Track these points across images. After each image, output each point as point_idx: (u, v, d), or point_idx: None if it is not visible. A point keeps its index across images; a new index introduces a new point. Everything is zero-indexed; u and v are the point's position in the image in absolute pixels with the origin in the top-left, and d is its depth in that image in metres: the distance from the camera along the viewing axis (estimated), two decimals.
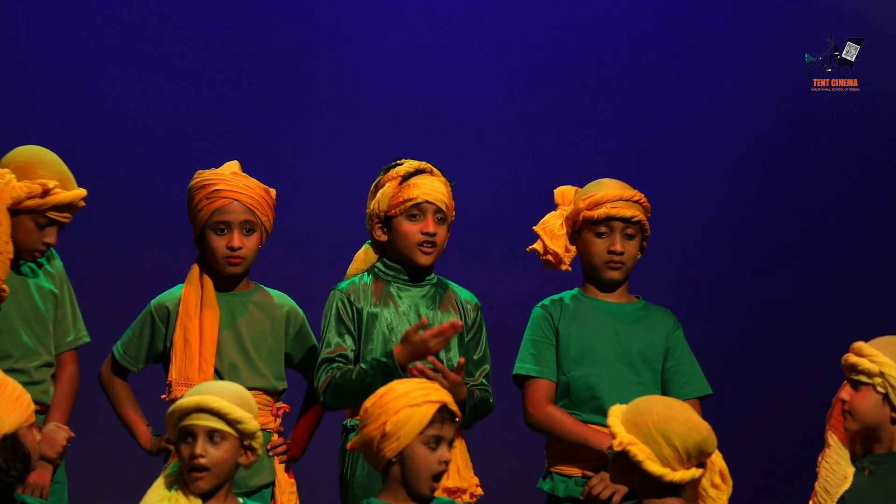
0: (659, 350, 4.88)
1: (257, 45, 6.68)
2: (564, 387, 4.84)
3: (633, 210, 4.86)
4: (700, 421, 4.02)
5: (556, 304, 4.92)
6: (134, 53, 6.57)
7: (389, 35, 6.78)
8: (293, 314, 4.89)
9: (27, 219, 4.55)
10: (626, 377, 4.81)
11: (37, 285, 4.70)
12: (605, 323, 4.87)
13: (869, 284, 6.90)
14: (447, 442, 4.11)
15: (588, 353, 4.83)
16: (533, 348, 4.87)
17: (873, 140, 6.94)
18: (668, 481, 3.98)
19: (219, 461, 4.04)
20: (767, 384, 6.82)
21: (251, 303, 4.84)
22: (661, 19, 6.92)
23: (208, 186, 4.76)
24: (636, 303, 4.97)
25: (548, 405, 4.81)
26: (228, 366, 4.76)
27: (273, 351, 4.83)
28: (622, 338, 4.86)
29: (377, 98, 6.75)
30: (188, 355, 4.73)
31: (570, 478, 4.79)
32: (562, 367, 4.84)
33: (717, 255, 6.90)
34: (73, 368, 4.76)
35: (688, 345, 4.94)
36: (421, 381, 4.21)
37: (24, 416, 3.96)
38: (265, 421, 4.75)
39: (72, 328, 4.77)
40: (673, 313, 4.97)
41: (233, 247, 4.75)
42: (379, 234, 4.81)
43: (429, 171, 4.81)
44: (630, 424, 4.00)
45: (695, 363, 4.92)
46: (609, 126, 6.87)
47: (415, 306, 4.78)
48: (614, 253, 4.85)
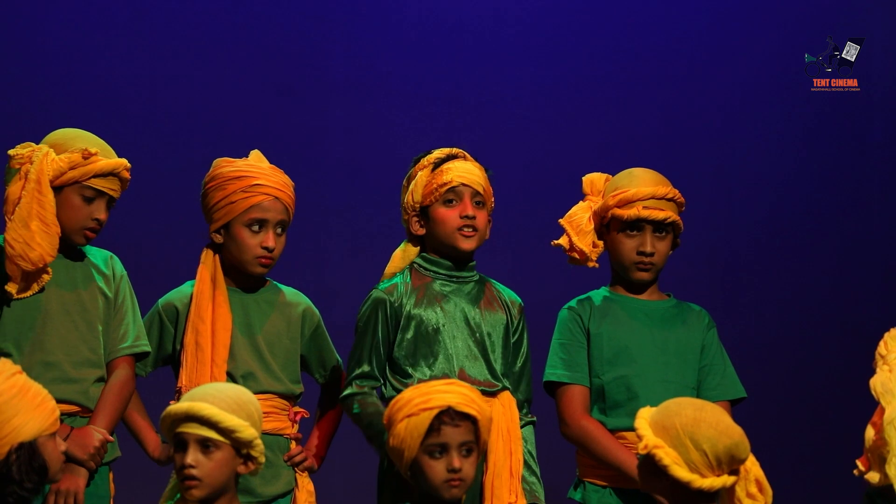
0: (696, 347, 4.68)
1: (270, 27, 6.53)
2: (598, 390, 4.64)
3: (667, 211, 4.66)
4: (732, 425, 3.83)
5: (585, 304, 4.72)
6: (143, 38, 6.43)
7: (409, 14, 6.67)
8: (309, 314, 4.68)
9: (73, 194, 4.43)
10: (664, 377, 4.62)
11: (87, 283, 4.51)
12: (638, 322, 4.68)
13: (867, 285, 6.84)
14: (457, 447, 3.93)
15: (623, 353, 4.63)
16: (563, 353, 4.66)
17: (873, 140, 6.89)
18: (697, 488, 3.78)
19: (211, 471, 3.82)
20: (806, 386, 6.75)
21: (265, 302, 4.64)
22: (660, 20, 6.87)
23: (246, 179, 4.55)
24: (668, 300, 4.78)
25: (585, 417, 4.61)
26: (243, 370, 4.55)
27: (290, 353, 4.63)
28: (657, 336, 4.66)
29: (397, 82, 6.61)
30: (200, 360, 4.52)
31: (605, 488, 4.60)
32: (594, 369, 4.64)
33: (716, 254, 6.83)
34: (125, 374, 4.52)
35: (721, 345, 4.76)
36: (430, 384, 4.03)
37: (46, 424, 3.77)
38: (282, 426, 4.58)
39: (130, 335, 4.55)
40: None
41: (268, 247, 4.54)
42: (417, 228, 4.60)
43: (462, 156, 4.63)
44: (658, 427, 3.81)
45: (728, 364, 4.73)
46: (608, 128, 6.78)
47: (461, 308, 4.58)
48: (643, 254, 4.67)
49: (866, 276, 6.89)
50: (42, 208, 4.36)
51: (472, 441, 3.97)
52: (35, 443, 3.75)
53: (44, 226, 4.36)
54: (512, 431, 4.48)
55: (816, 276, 6.88)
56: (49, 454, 3.78)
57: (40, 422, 3.76)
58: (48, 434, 3.78)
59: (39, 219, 4.35)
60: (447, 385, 4.01)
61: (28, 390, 3.76)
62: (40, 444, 3.76)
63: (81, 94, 6.31)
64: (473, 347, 4.55)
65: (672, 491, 3.83)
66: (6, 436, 3.75)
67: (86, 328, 4.48)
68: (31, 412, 3.75)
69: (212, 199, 4.58)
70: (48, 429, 3.78)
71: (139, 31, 6.42)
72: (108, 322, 4.52)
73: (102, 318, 4.51)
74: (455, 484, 3.94)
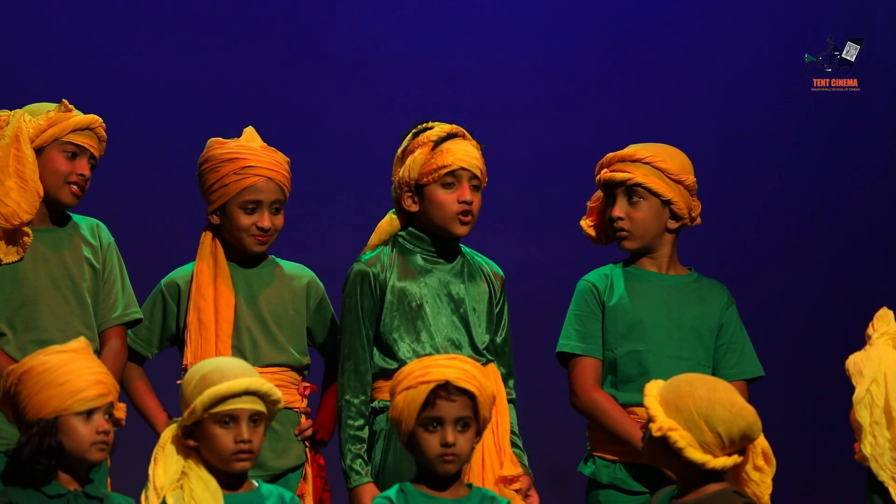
0: (713, 325, 4.65)
1: (271, 2, 6.49)
2: (611, 363, 4.61)
3: (628, 173, 4.63)
4: (746, 406, 3.81)
5: (603, 277, 4.68)
6: (144, 14, 6.38)
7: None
8: (314, 286, 4.68)
9: (55, 151, 4.48)
10: (678, 353, 4.58)
11: (74, 255, 4.51)
12: (655, 296, 4.64)
13: (866, 286, 6.80)
14: (452, 422, 3.91)
15: (636, 327, 4.60)
16: (578, 324, 4.63)
17: (873, 140, 6.88)
18: (710, 468, 3.77)
19: (259, 444, 3.87)
20: (815, 365, 6.72)
21: (268, 275, 4.63)
22: (660, 20, 6.86)
23: (238, 160, 4.55)
24: (689, 275, 4.74)
25: (596, 389, 4.58)
26: (250, 343, 4.55)
27: (295, 323, 4.62)
28: (673, 312, 4.62)
29: (400, 55, 6.58)
30: (204, 337, 4.52)
31: (615, 462, 4.57)
32: (608, 342, 4.61)
33: (715, 254, 6.78)
34: (117, 345, 4.53)
35: (741, 323, 4.72)
36: (433, 358, 4.02)
37: (66, 403, 3.78)
38: (291, 399, 4.57)
39: (120, 304, 4.55)
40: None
41: (264, 227, 4.55)
42: (409, 204, 4.56)
43: (461, 135, 4.57)
44: (670, 407, 3.78)
45: (747, 342, 4.69)
46: (607, 126, 6.74)
47: (445, 282, 4.56)
48: (612, 219, 4.64)
49: (866, 276, 6.87)
50: (20, 164, 4.40)
51: (469, 416, 3.94)
52: (53, 423, 3.78)
53: (21, 181, 4.38)
54: (499, 403, 4.45)
55: (817, 276, 6.87)
56: (73, 433, 3.79)
57: (60, 401, 3.78)
58: (73, 413, 3.79)
59: (17, 175, 4.38)
60: (448, 360, 4.00)
61: (57, 370, 3.79)
62: (62, 423, 3.78)
63: (82, 71, 6.27)
64: (457, 322, 4.53)
65: (684, 470, 3.82)
66: (27, 414, 3.80)
67: (76, 302, 4.49)
68: (52, 390, 3.77)
69: (206, 182, 4.59)
70: (69, 408, 3.78)
71: (139, 6, 6.39)
72: (97, 293, 4.53)
73: (91, 289, 4.52)
74: (449, 459, 3.91)
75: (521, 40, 6.72)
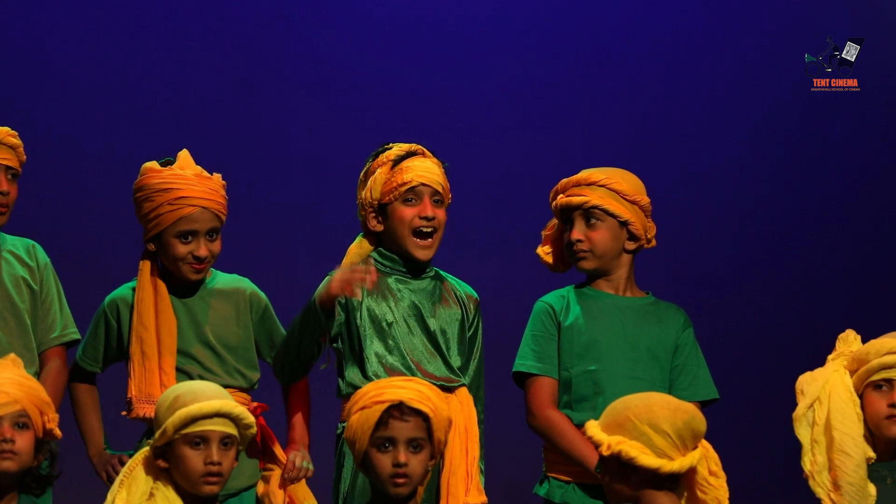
0: (668, 347, 4.66)
1: (231, 24, 6.49)
2: (566, 383, 4.63)
3: (585, 196, 4.65)
4: (682, 402, 3.84)
5: (560, 298, 4.71)
6: (104, 35, 6.38)
7: (373, 10, 6.63)
8: (255, 298, 4.69)
9: None
10: (632, 373, 4.60)
11: (11, 276, 4.54)
12: (611, 316, 4.66)
13: (868, 284, 6.81)
14: (405, 442, 3.93)
15: (592, 347, 4.62)
16: (535, 344, 4.66)
17: (873, 140, 6.86)
18: (668, 472, 3.74)
19: (230, 467, 3.92)
20: (773, 389, 6.65)
21: (209, 294, 4.63)
22: (660, 19, 6.85)
23: (172, 191, 4.53)
24: (646, 297, 4.76)
25: (551, 408, 4.60)
26: (198, 369, 4.57)
27: (242, 340, 4.63)
28: (629, 332, 4.64)
29: (360, 79, 6.58)
30: (147, 369, 4.52)
31: (568, 483, 4.59)
32: (563, 362, 4.63)
33: (714, 255, 6.81)
34: (56, 365, 4.58)
35: (698, 346, 4.73)
36: (390, 380, 4.07)
37: None
38: None
39: (58, 324, 4.60)
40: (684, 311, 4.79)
41: (200, 256, 4.54)
42: (374, 224, 4.59)
43: (420, 152, 4.61)
44: (612, 427, 3.79)
45: (702, 365, 4.71)
46: (606, 125, 6.76)
47: (415, 302, 4.57)
48: (571, 243, 4.68)
49: (867, 278, 6.85)
50: None
51: (422, 438, 3.97)
52: None
53: None
54: (469, 429, 4.47)
55: (817, 276, 6.85)
56: None
57: None
58: None
59: None
60: (404, 381, 4.04)
61: None
62: None
63: (40, 88, 6.28)
64: (429, 344, 4.55)
65: (641, 487, 3.80)
66: None
67: (16, 325, 4.53)
68: None
69: (141, 210, 4.58)
70: None
71: (100, 27, 6.38)
72: (36, 314, 4.56)
73: (30, 311, 4.55)
74: (400, 481, 3.94)
75: (483, 65, 6.71)
